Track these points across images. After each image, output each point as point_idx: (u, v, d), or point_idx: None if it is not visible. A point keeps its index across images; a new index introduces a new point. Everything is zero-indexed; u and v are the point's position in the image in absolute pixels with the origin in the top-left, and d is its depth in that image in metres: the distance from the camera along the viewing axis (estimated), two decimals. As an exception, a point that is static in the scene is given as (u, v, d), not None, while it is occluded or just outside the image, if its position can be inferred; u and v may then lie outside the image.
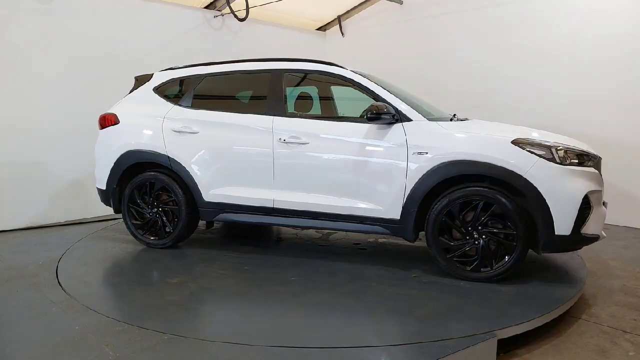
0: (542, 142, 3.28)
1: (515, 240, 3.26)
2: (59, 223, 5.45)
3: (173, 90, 4.38)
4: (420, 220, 3.50)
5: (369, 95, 3.71)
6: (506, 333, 2.66)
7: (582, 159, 3.30)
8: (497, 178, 3.29)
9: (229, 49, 6.91)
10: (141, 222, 4.32)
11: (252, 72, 4.16)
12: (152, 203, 4.26)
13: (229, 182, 4.01)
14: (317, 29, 8.46)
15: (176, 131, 4.13)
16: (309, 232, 4.91)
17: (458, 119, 3.98)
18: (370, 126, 3.59)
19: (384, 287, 3.33)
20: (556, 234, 3.19)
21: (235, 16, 6.81)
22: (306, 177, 3.78)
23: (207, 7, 6.79)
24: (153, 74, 4.50)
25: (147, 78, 4.48)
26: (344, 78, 3.84)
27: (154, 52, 6.17)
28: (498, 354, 2.59)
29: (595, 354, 2.67)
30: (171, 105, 4.27)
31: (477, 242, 3.36)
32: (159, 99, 4.34)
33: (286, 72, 4.02)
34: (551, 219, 3.17)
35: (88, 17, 5.60)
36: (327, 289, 3.31)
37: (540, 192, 3.17)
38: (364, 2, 7.81)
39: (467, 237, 3.38)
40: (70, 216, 5.60)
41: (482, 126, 3.74)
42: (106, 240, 4.62)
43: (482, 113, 5.35)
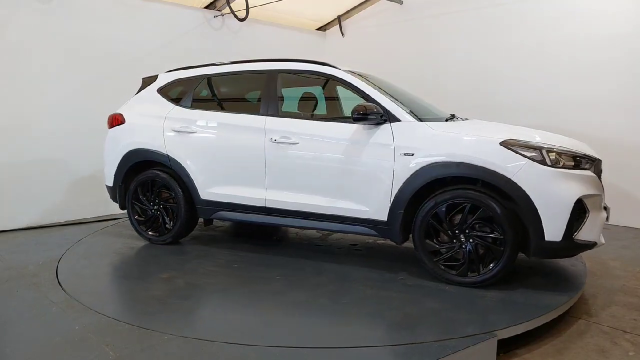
0: (532, 143, 3.15)
1: (503, 245, 3.15)
2: (59, 223, 5.45)
3: (175, 91, 4.48)
4: (408, 223, 3.44)
5: (360, 95, 3.68)
6: (506, 333, 2.66)
7: (577, 161, 3.17)
8: (484, 180, 3.19)
9: (229, 49, 6.91)
10: (143, 218, 4.46)
11: (248, 73, 4.24)
12: (153, 200, 4.40)
13: (224, 181, 4.08)
14: (317, 29, 8.46)
15: (176, 131, 4.23)
16: (310, 232, 4.91)
17: (458, 119, 3.97)
18: (359, 126, 3.55)
19: (366, 289, 3.29)
20: (546, 239, 3.05)
21: (235, 16, 6.81)
22: (296, 177, 3.80)
23: (207, 7, 6.79)
24: (158, 75, 4.63)
25: (153, 79, 4.62)
26: (335, 78, 3.83)
27: (154, 52, 6.17)
28: (498, 354, 2.59)
29: (595, 354, 2.67)
30: (172, 106, 4.38)
31: (464, 246, 3.26)
32: (162, 100, 4.45)
33: (280, 72, 4.05)
34: (540, 224, 3.05)
35: (88, 17, 5.60)
36: (307, 289, 3.31)
37: (529, 195, 3.04)
38: (364, 2, 7.81)
39: (454, 241, 3.29)
40: (70, 216, 5.61)
41: (476, 127, 3.65)
42: (106, 240, 4.62)
43: (482, 113, 5.35)
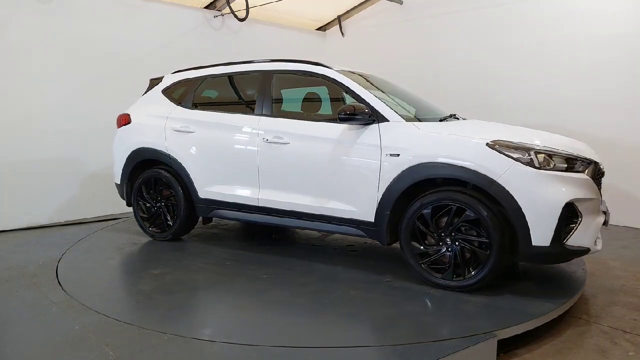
0: (520, 144, 3.04)
1: (488, 249, 3.04)
2: (59, 223, 5.46)
3: (178, 92, 4.57)
4: (396, 224, 3.39)
5: (351, 95, 3.66)
6: (506, 333, 2.66)
7: (570, 163, 3.04)
8: (469, 182, 3.11)
9: (229, 49, 6.92)
10: (147, 215, 4.58)
11: (245, 74, 4.31)
12: (156, 198, 4.51)
13: (221, 180, 4.14)
14: (317, 29, 8.46)
15: (176, 130, 4.31)
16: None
17: (456, 119, 3.96)
18: (348, 126, 3.52)
19: (349, 290, 3.27)
20: (533, 244, 2.94)
21: (235, 16, 6.81)
22: (287, 177, 3.81)
23: (207, 7, 6.79)
24: (164, 76, 4.74)
25: (159, 80, 4.74)
26: (327, 78, 3.82)
27: (154, 52, 6.18)
28: (498, 354, 2.58)
29: (595, 354, 2.67)
30: (175, 106, 4.47)
31: (449, 249, 3.17)
32: (166, 100, 4.55)
33: (274, 73, 4.08)
34: (527, 228, 2.94)
35: (88, 17, 5.60)
36: (291, 288, 3.31)
37: (515, 198, 2.94)
38: (364, 2, 7.81)
39: (440, 244, 3.21)
40: (70, 216, 5.61)
41: (468, 127, 3.59)
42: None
43: (482, 113, 5.34)
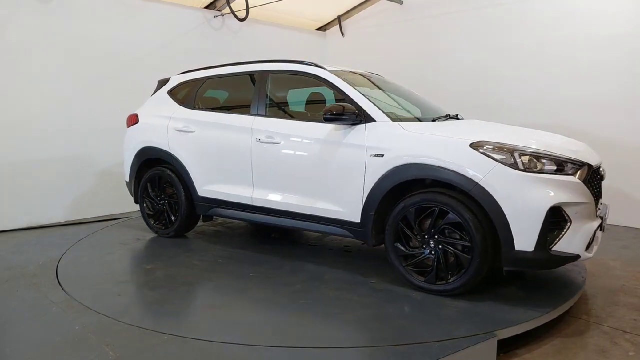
0: (504, 145, 2.95)
1: (471, 253, 2.96)
2: (59, 223, 5.46)
3: (182, 93, 4.69)
4: (382, 225, 3.35)
5: (340, 94, 3.64)
6: (506, 333, 2.66)
7: (560, 165, 2.91)
8: (451, 184, 3.04)
9: (229, 49, 6.91)
10: (152, 212, 4.74)
11: (242, 74, 4.37)
12: (160, 196, 4.65)
13: (218, 179, 4.23)
14: (317, 29, 8.46)
15: (178, 130, 4.42)
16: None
17: (454, 119, 3.95)
18: (335, 126, 3.51)
19: (330, 290, 3.27)
20: (516, 249, 2.85)
21: (235, 16, 6.81)
22: (279, 177, 3.85)
23: (207, 7, 6.79)
24: (170, 77, 4.86)
25: (166, 81, 4.87)
26: (318, 78, 3.81)
27: (154, 52, 6.17)
28: (498, 354, 2.58)
29: (595, 354, 2.67)
30: (178, 107, 4.58)
31: (433, 252, 3.12)
32: (170, 101, 4.67)
33: (269, 73, 4.12)
34: (510, 232, 2.85)
35: (88, 17, 5.60)
36: (273, 288, 3.34)
37: (497, 201, 2.85)
38: (364, 2, 7.81)
39: (424, 246, 3.16)
40: (71, 216, 5.61)
41: (458, 128, 3.50)
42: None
43: (482, 113, 5.35)
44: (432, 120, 3.70)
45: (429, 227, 3.12)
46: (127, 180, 4.90)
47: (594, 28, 5.58)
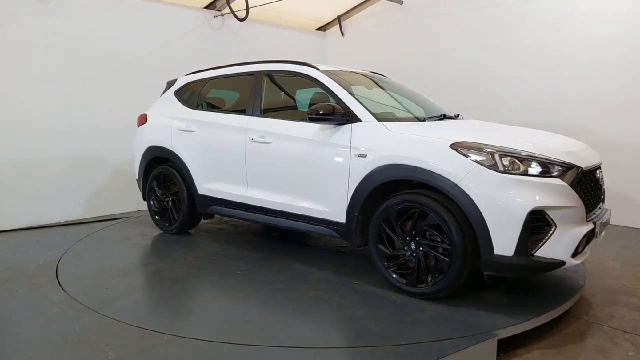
0: (484, 146, 2.87)
1: (450, 256, 2.90)
2: (59, 223, 5.45)
3: (187, 94, 4.81)
4: (366, 226, 3.32)
5: (330, 95, 3.63)
6: (506, 333, 2.66)
7: (545, 167, 2.81)
8: (430, 185, 2.99)
9: (229, 49, 6.91)
10: (158, 209, 4.89)
11: (240, 75, 4.43)
12: (164, 193, 4.80)
13: (216, 178, 4.31)
14: (317, 29, 8.45)
15: (181, 130, 4.54)
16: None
17: (450, 118, 3.93)
18: (322, 126, 3.51)
19: (310, 290, 3.28)
20: (495, 253, 2.76)
21: (235, 16, 6.81)
22: (271, 176, 3.88)
23: (207, 7, 6.78)
24: (177, 78, 4.97)
25: (173, 82, 4.99)
26: (310, 78, 3.82)
27: (154, 52, 6.17)
28: (498, 354, 2.58)
29: (595, 354, 2.67)
30: (182, 107, 4.70)
31: (414, 254, 3.07)
32: (175, 101, 4.79)
33: (264, 73, 4.18)
34: (488, 236, 2.77)
35: (88, 17, 5.60)
36: (257, 286, 3.39)
37: (476, 203, 2.78)
38: (364, 2, 7.80)
39: (405, 248, 3.11)
40: (71, 216, 5.60)
41: (446, 127, 3.43)
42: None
43: (482, 113, 5.35)
44: (422, 120, 3.67)
45: (411, 228, 3.07)
46: (137, 177, 5.07)
47: (594, 28, 5.57)
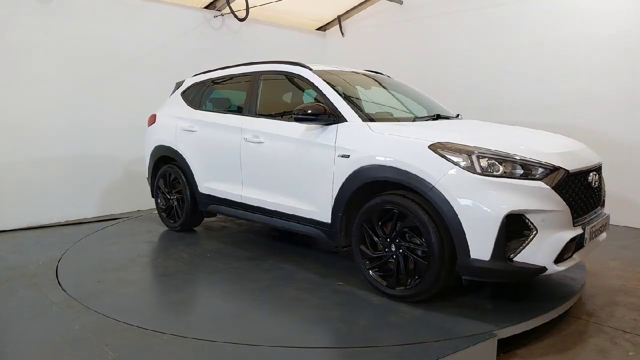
0: (462, 147, 2.81)
1: (427, 259, 2.85)
2: (59, 223, 5.45)
3: (192, 94, 4.90)
4: (351, 226, 3.30)
5: (319, 95, 3.62)
6: (506, 333, 2.66)
7: (527, 169, 2.71)
8: (408, 186, 2.94)
9: (229, 49, 6.91)
10: (165, 207, 5.01)
11: (239, 76, 4.49)
12: (170, 192, 4.90)
13: (215, 177, 4.39)
14: (317, 29, 8.45)
15: (184, 130, 4.65)
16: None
17: (444, 118, 3.91)
18: (309, 126, 3.52)
19: (291, 290, 3.30)
20: (472, 257, 2.70)
21: (235, 16, 6.80)
22: (264, 176, 3.92)
23: (207, 7, 6.78)
24: (185, 80, 5.07)
25: (181, 83, 5.10)
26: (302, 77, 3.84)
27: (154, 52, 6.17)
28: (498, 354, 2.58)
29: (595, 354, 2.67)
30: (186, 107, 4.81)
31: (394, 256, 3.03)
32: (182, 102, 4.90)
33: (261, 74, 4.22)
34: (464, 239, 2.71)
35: (88, 17, 5.60)
36: (242, 284, 3.44)
37: (452, 205, 2.72)
38: (364, 2, 7.80)
39: (386, 250, 3.08)
40: (71, 216, 5.60)
41: (427, 128, 3.33)
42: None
43: (482, 113, 5.34)
44: (413, 120, 3.66)
45: (391, 230, 3.05)
46: (147, 176, 5.21)
47: (594, 28, 5.57)
